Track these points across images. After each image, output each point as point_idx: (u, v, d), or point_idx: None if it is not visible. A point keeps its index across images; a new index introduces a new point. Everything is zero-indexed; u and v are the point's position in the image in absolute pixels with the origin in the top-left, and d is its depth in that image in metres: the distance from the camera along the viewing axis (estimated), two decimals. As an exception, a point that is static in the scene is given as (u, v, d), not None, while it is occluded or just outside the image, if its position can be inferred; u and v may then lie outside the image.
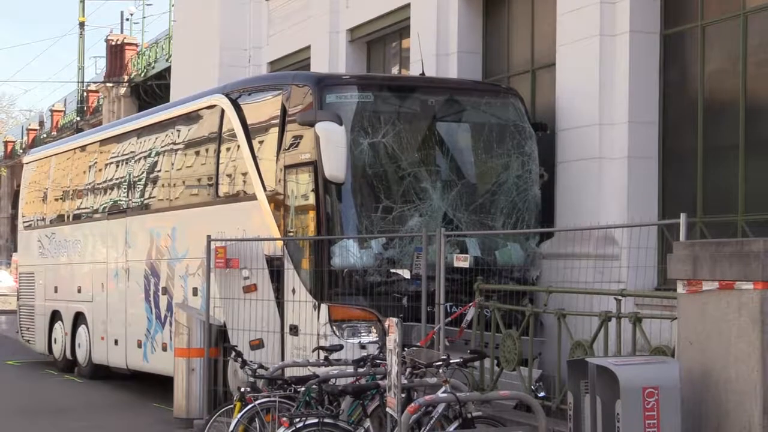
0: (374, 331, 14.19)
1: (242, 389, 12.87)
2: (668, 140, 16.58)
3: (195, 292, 18.15)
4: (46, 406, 19.76)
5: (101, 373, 22.93)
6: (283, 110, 16.42)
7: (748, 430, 9.14)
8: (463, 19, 20.66)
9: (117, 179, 22.86)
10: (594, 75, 16.71)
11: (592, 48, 16.75)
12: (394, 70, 23.94)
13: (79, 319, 23.87)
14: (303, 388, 11.87)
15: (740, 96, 15.43)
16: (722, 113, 15.84)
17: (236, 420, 12.26)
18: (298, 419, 10.96)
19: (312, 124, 15.19)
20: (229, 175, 18.05)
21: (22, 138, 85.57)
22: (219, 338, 17.17)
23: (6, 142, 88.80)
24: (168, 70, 39.25)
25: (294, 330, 15.67)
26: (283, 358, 15.31)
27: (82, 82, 67.29)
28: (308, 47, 26.10)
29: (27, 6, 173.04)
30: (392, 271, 15.30)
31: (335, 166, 15.01)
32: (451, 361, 11.72)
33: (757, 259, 9.17)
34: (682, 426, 9.35)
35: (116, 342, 21.88)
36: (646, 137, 16.52)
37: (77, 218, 24.74)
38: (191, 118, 19.95)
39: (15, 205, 43.69)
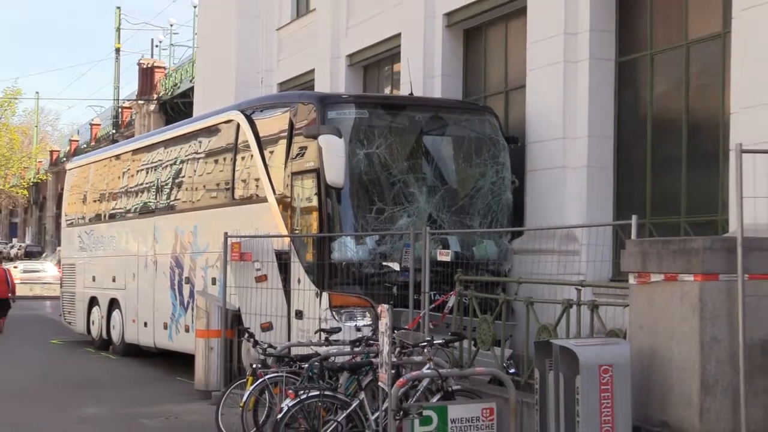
0: (368, 315, 14.18)
1: (254, 365, 12.94)
2: (622, 152, 16.60)
3: (213, 281, 18.11)
4: (84, 379, 19.72)
5: (132, 351, 22.89)
6: (291, 124, 16.41)
7: (689, 401, 9.17)
8: (446, 47, 20.67)
9: (147, 183, 22.84)
10: (559, 96, 16.71)
11: (557, 73, 16.76)
12: (387, 90, 23.92)
13: (113, 304, 23.84)
14: (306, 365, 11.89)
15: (683, 115, 15.47)
16: (668, 129, 15.84)
17: (249, 392, 12.29)
18: (302, 391, 10.99)
19: (315, 137, 15.23)
20: (244, 181, 18.03)
21: (65, 148, 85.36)
22: (234, 321, 17.15)
23: (51, 152, 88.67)
24: (191, 89, 39.20)
25: (299, 314, 15.66)
26: (289, 339, 15.30)
27: (118, 99, 67.37)
28: (312, 70, 26.08)
29: (67, 32, 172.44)
30: (384, 264, 15.28)
31: (335, 173, 15.02)
32: (435, 342, 11.79)
33: (697, 255, 9.21)
34: (632, 398, 9.38)
35: (145, 324, 21.87)
36: (603, 149, 16.53)
37: (112, 217, 24.72)
38: (211, 131, 19.92)
39: (59, 205, 43.61)
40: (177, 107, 50.32)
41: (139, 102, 59.24)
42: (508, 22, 19.40)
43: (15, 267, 43.25)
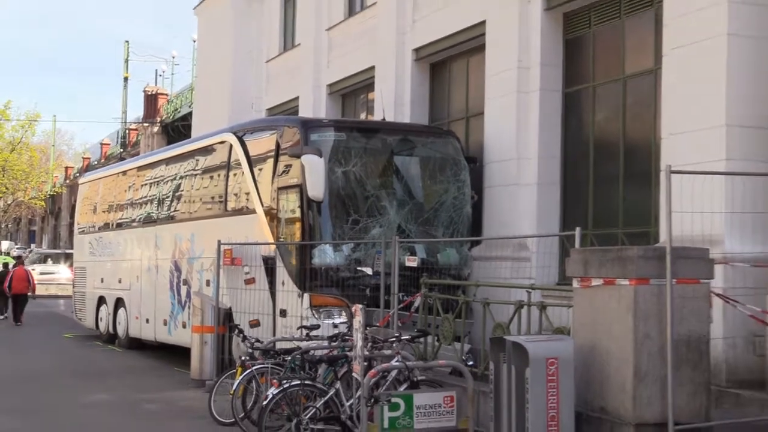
0: (344, 314, 14.12)
1: (243, 358, 12.91)
2: (568, 171, 16.63)
3: (208, 283, 18.02)
4: (93, 369, 19.64)
5: (135, 345, 22.77)
6: (277, 145, 16.39)
7: (623, 389, 9.21)
8: (414, 77, 20.70)
9: (150, 196, 22.74)
10: (513, 122, 16.74)
11: (511, 101, 16.80)
12: (362, 116, 23.93)
13: (119, 303, 23.71)
14: (289, 358, 11.85)
15: (620, 139, 15.52)
16: (607, 151, 15.89)
17: (238, 381, 12.26)
18: (285, 381, 10.96)
19: (299, 156, 15.19)
20: (235, 195, 17.96)
21: (78, 164, 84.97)
22: (226, 318, 17.08)
23: (66, 168, 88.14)
24: (190, 113, 39.09)
25: (283, 313, 15.61)
26: (274, 334, 15.23)
27: (125, 122, 67.11)
28: (297, 98, 26.04)
29: (83, 62, 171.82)
30: (358, 268, 15.28)
31: (316, 189, 14.99)
32: (402, 337, 11.80)
33: (632, 262, 9.27)
34: (575, 387, 9.41)
35: (147, 321, 21.75)
36: (551, 169, 16.57)
37: (119, 226, 24.58)
38: (207, 150, 19.86)
39: (72, 215, 43.41)
40: (177, 129, 50.13)
41: (144, 124, 59.08)
42: (469, 57, 19.44)
43: (33, 269, 43.10)
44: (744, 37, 12.35)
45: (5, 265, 39.23)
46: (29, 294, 32.29)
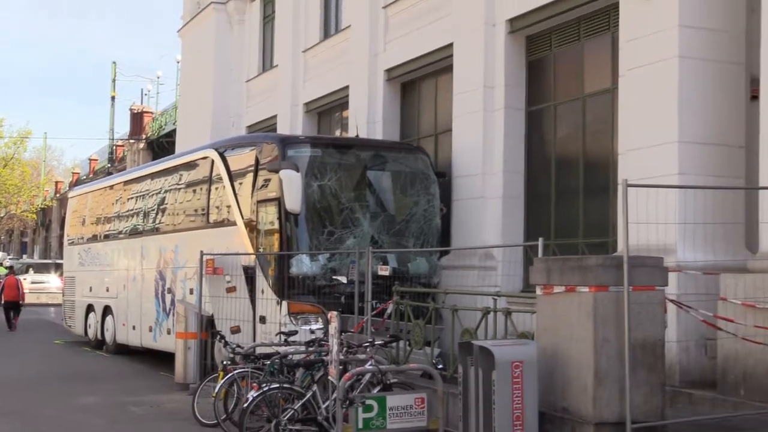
0: (320, 321, 14.07)
1: (224, 362, 12.88)
2: (531, 185, 16.68)
3: (191, 291, 17.93)
4: (82, 373, 19.49)
5: (122, 350, 22.62)
6: (257, 161, 16.35)
7: (584, 390, 9.23)
8: (386, 97, 20.73)
9: (136, 209, 22.62)
10: (479, 138, 16.78)
11: (477, 119, 16.84)
12: (337, 133, 23.91)
13: (107, 310, 23.55)
14: (269, 362, 11.80)
15: (580, 155, 15.61)
16: (568, 166, 15.97)
17: (220, 384, 12.19)
18: (264, 384, 10.94)
19: (277, 171, 15.19)
20: (217, 207, 17.89)
21: (68, 179, 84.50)
22: (208, 325, 16.97)
23: (56, 182, 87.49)
24: (174, 130, 38.86)
25: (263, 319, 15.55)
26: (254, 340, 15.16)
27: (113, 139, 66.84)
28: (275, 116, 26.01)
29: (68, 79, 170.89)
30: (333, 277, 15.21)
31: (293, 202, 14.98)
32: (376, 342, 11.78)
33: (592, 271, 9.31)
34: (539, 388, 9.42)
35: (134, 327, 21.62)
36: (515, 183, 16.61)
37: (106, 237, 24.43)
38: (190, 165, 19.78)
39: (62, 227, 43.13)
40: (162, 145, 49.89)
41: (131, 141, 58.74)
42: (438, 77, 19.49)
43: (24, 279, 42.96)
44: (694, 59, 12.46)
45: (11, 267, 39.27)
46: (19, 302, 32.24)
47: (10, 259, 69.40)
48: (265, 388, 10.79)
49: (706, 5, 12.59)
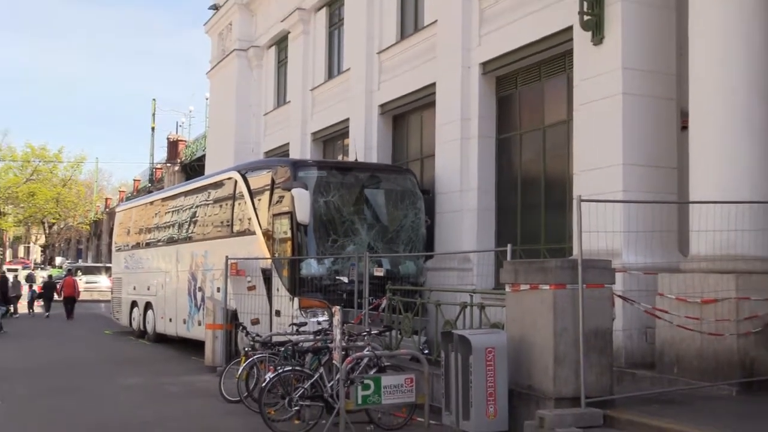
0: (326, 314, 14.03)
1: (246, 349, 12.82)
2: (500, 200, 16.65)
3: (218, 289, 17.84)
4: (128, 358, 19.43)
5: (161, 339, 22.54)
6: (272, 181, 16.32)
7: (546, 370, 9.21)
8: (380, 127, 20.73)
9: (172, 221, 22.57)
10: (457, 161, 16.77)
11: (456, 146, 16.83)
12: (339, 157, 23.86)
13: (148, 305, 23.50)
14: (283, 349, 11.74)
15: (542, 175, 15.60)
16: (531, 185, 15.94)
17: (242, 367, 12.13)
18: (279, 367, 10.86)
19: (289, 189, 15.14)
20: (240, 220, 17.84)
21: (115, 196, 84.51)
22: (232, 318, 16.93)
23: (106, 199, 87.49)
24: (204, 156, 38.79)
25: (278, 313, 15.49)
26: (271, 330, 15.08)
27: (152, 163, 66.85)
28: (288, 143, 25.97)
29: (116, 112, 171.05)
30: (337, 278, 15.17)
31: (303, 215, 14.94)
32: (372, 332, 11.75)
33: (552, 272, 9.29)
34: (508, 370, 9.40)
35: (170, 320, 21.55)
36: (488, 198, 16.60)
37: (148, 245, 24.36)
38: (217, 185, 19.73)
39: (111, 236, 43.04)
40: (194, 168, 49.81)
41: (168, 164, 58.75)
42: (423, 111, 19.48)
43: (80, 279, 43.19)
44: (635, 95, 12.48)
45: (50, 276, 40.06)
46: (75, 298, 33.71)
47: (68, 263, 69.31)
48: (280, 370, 10.71)
49: (644, 50, 12.61)
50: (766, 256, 10.69)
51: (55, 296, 35.22)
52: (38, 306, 35.50)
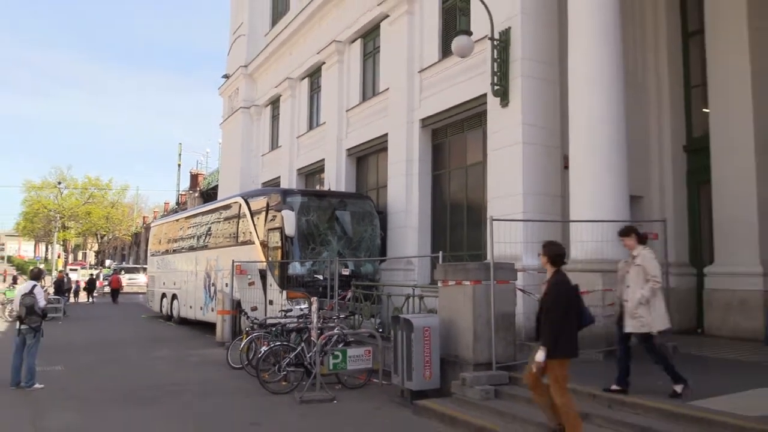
0: (307, 303, 13.95)
1: (246, 329, 12.70)
2: (434, 219, 16.64)
3: (226, 285, 17.62)
4: (158, 336, 19.09)
5: (184, 322, 22.21)
6: (267, 204, 16.20)
7: (468, 345, 9.21)
8: (347, 165, 20.61)
9: (192, 234, 22.26)
10: (403, 191, 16.77)
11: (402, 179, 16.84)
12: (317, 187, 23.71)
13: (174, 297, 23.10)
14: (274, 328, 11.65)
15: (464, 201, 15.65)
16: (457, 208, 15.99)
17: (244, 343, 12.05)
18: (271, 342, 10.80)
19: (280, 211, 15.12)
20: (243, 233, 17.66)
21: (151, 215, 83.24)
22: (237, 305, 16.77)
23: (144, 217, 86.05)
24: (217, 185, 38.33)
25: (271, 302, 15.35)
26: (266, 314, 14.93)
27: (178, 190, 65.93)
28: (279, 177, 25.76)
29: (153, 152, 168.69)
30: (315, 276, 15.09)
31: (290, 229, 14.89)
32: (340, 316, 11.70)
33: (471, 272, 9.30)
34: (440, 344, 9.38)
35: (190, 307, 21.22)
36: (425, 218, 16.58)
37: (174, 251, 23.98)
38: (226, 207, 19.53)
39: (146, 245, 42.41)
40: (209, 194, 49.08)
41: (190, 192, 58.03)
42: (379, 153, 19.41)
43: (123, 276, 43.13)
44: (530, 144, 12.61)
45: (91, 275, 41.32)
46: (119, 290, 36.46)
47: (114, 264, 68.23)
48: (272, 345, 10.64)
49: (536, 112, 12.77)
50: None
51: (106, 288, 36.70)
52: (81, 297, 37.32)
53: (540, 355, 6.28)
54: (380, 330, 12.20)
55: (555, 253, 6.65)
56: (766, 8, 12.58)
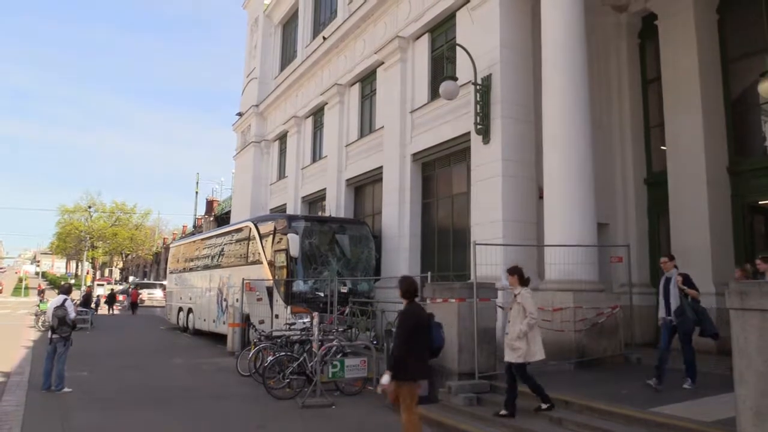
0: (309, 317, 13.87)
1: (254, 340, 12.56)
2: (425, 242, 16.62)
3: (237, 300, 17.52)
4: (175, 346, 18.81)
5: (198, 333, 21.95)
6: (275, 228, 16.15)
7: (453, 355, 9.15)
8: (346, 194, 20.62)
9: (207, 254, 22.14)
10: (396, 217, 16.78)
11: (395, 207, 16.86)
12: (319, 212, 23.73)
13: (190, 310, 22.86)
14: (279, 340, 11.54)
15: (450, 226, 15.65)
16: (444, 233, 15.98)
17: (252, 353, 11.92)
18: (277, 352, 10.68)
19: (286, 234, 15.05)
20: (252, 253, 17.57)
21: (170, 237, 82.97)
22: (246, 319, 16.61)
23: (164, 238, 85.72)
24: (230, 211, 38.31)
25: (277, 316, 15.23)
26: (272, 327, 14.82)
27: (195, 215, 65.79)
28: (285, 204, 25.79)
29: (173, 182, 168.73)
30: (316, 293, 15.00)
31: (295, 251, 14.82)
32: (339, 329, 11.60)
33: (457, 290, 9.28)
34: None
35: (204, 320, 21.00)
36: (415, 241, 16.57)
37: (190, 269, 23.81)
38: (238, 230, 19.46)
39: (166, 263, 42.14)
40: (223, 219, 48.88)
41: (206, 216, 57.85)
42: (374, 184, 19.48)
43: (143, 292, 42.88)
44: (509, 176, 12.69)
45: (111, 290, 41.61)
46: (137, 303, 36.69)
47: (136, 280, 67.87)
48: (277, 355, 10.53)
49: (515, 148, 12.85)
50: (592, 280, 10.86)
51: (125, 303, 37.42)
52: (102, 309, 37.02)
53: (385, 378, 6.15)
54: (375, 342, 12.10)
55: (405, 289, 6.57)
56: (713, 55, 12.78)
